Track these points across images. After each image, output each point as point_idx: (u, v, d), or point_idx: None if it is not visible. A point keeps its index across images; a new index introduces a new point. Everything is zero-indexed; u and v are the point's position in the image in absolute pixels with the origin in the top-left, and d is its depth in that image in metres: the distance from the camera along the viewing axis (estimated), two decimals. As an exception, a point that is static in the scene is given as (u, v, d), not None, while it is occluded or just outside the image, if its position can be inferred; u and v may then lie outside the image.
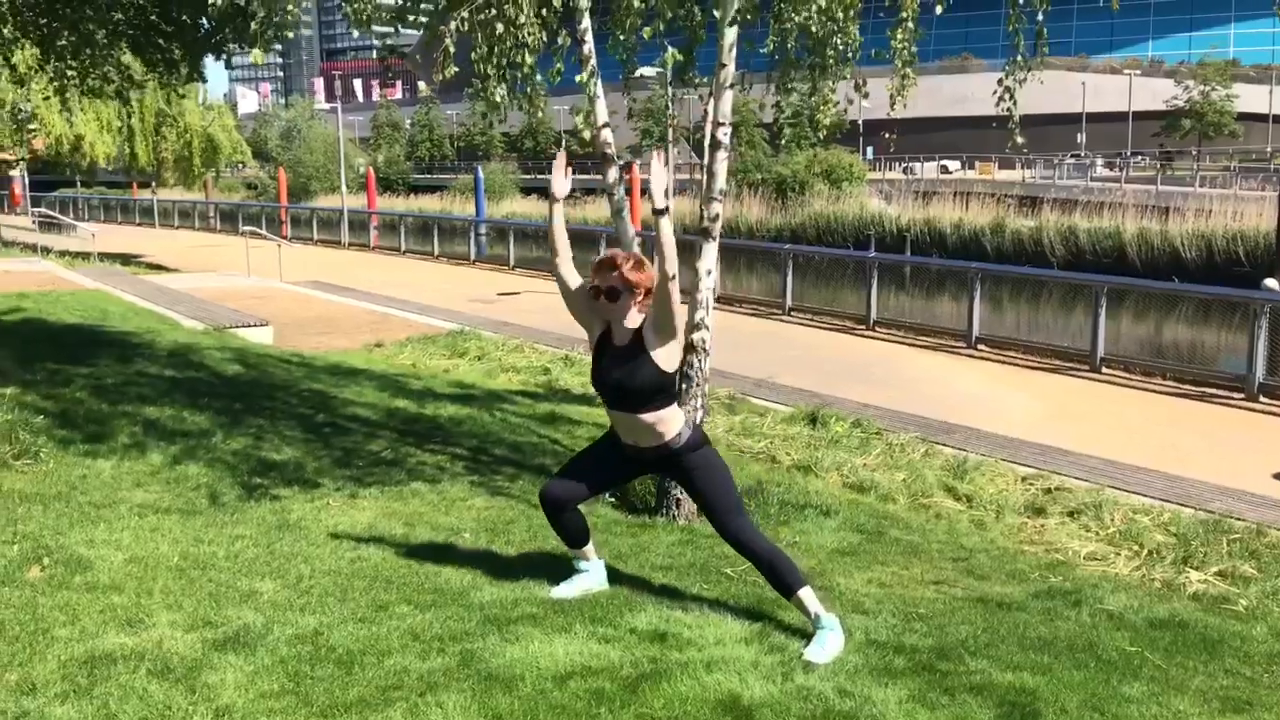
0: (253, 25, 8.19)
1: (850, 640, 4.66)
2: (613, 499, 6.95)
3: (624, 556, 5.74)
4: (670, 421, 4.51)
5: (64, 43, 8.12)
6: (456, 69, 5.35)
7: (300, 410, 8.58)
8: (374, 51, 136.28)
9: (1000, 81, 6.55)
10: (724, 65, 6.34)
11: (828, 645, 4.53)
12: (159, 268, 27.79)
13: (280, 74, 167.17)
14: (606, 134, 6.57)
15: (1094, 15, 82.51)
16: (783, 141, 58.83)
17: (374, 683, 3.98)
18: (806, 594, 4.66)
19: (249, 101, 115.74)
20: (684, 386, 6.64)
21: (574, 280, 4.62)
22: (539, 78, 6.05)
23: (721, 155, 6.41)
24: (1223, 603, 5.90)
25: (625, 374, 4.41)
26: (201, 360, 10.42)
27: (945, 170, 62.40)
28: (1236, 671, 4.58)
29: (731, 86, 6.35)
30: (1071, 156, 59.91)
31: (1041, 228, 39.78)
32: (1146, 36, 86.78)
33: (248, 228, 27.84)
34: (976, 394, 13.08)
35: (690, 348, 6.59)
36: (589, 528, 5.08)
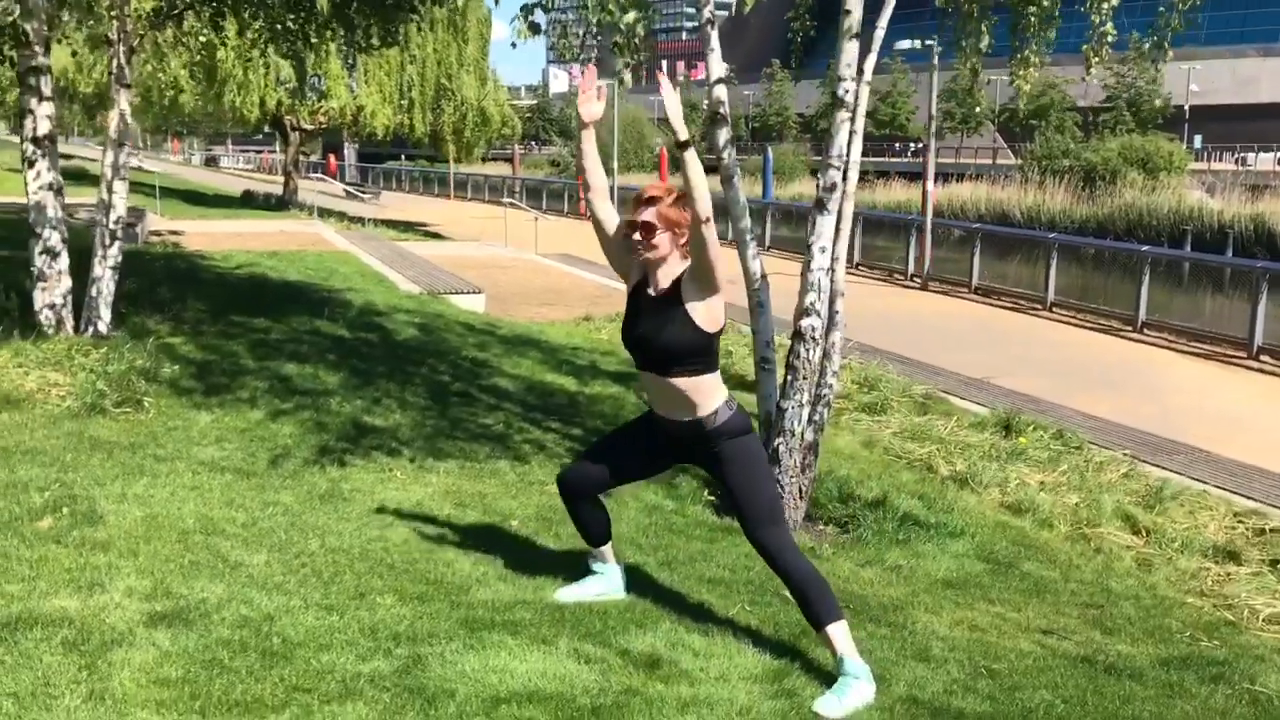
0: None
1: (886, 693, 3.84)
2: (713, 497, 6.28)
3: (675, 564, 5.08)
4: (707, 393, 3.86)
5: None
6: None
7: (441, 378, 8.37)
8: (683, 33, 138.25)
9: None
10: (848, 11, 5.51)
11: (848, 697, 3.75)
12: (435, 235, 29.01)
13: (594, 55, 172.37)
14: (720, 91, 5.88)
15: None
16: (1100, 118, 54.12)
17: (286, 682, 3.55)
18: (837, 631, 3.89)
19: (560, 82, 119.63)
20: (789, 379, 5.89)
21: (610, 218, 4.01)
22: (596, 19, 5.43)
23: (842, 115, 5.58)
24: None
25: (656, 328, 3.82)
26: (382, 323, 10.46)
27: (1285, 161, 56.07)
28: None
29: (855, 36, 5.50)
30: None
31: (1400, 227, 34.89)
32: None
33: (508, 199, 28.52)
34: (1235, 411, 11.36)
35: (798, 335, 5.82)
36: (611, 524, 4.50)
